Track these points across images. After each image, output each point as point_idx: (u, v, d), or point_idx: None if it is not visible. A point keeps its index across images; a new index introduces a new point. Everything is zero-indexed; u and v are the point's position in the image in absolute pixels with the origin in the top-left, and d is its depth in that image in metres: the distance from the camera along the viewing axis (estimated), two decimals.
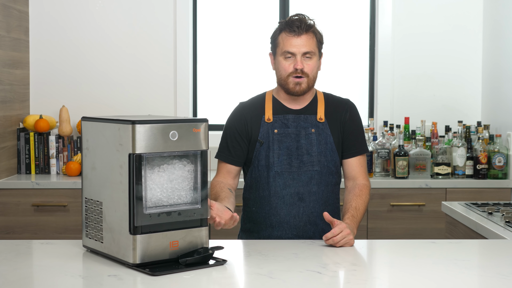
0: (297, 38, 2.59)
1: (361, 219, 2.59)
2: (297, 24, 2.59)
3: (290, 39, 2.59)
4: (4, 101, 4.14)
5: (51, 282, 2.00)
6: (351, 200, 2.61)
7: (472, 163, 4.27)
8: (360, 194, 2.63)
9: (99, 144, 2.20)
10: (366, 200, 2.63)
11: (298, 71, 2.59)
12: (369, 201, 2.67)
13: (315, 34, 2.62)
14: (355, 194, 2.63)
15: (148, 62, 4.62)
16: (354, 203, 2.59)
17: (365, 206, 2.62)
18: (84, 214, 2.29)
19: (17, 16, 4.35)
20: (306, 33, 2.59)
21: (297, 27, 2.58)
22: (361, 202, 2.61)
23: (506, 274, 2.07)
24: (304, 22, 2.60)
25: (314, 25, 2.62)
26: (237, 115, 2.71)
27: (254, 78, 4.76)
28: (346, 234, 2.38)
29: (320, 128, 2.66)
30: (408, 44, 4.68)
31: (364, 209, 2.61)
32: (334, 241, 2.37)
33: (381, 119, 4.64)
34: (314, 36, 2.61)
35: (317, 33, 2.63)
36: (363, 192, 2.64)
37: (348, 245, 2.39)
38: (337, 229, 2.38)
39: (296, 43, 2.59)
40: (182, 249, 2.14)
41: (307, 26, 2.59)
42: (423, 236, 4.07)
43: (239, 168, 2.71)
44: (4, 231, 4.02)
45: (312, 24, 2.62)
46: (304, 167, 2.63)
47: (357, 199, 2.61)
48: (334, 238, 2.36)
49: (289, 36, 2.59)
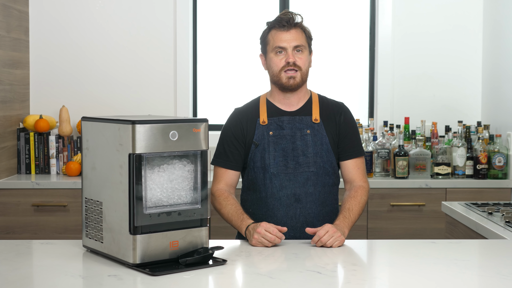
0: (286, 33, 2.62)
1: (355, 219, 2.58)
2: (286, 19, 2.63)
3: (280, 35, 2.62)
4: (4, 101, 4.14)
5: (51, 282, 2.00)
6: (345, 201, 2.62)
7: (472, 163, 4.27)
8: (355, 196, 2.62)
9: (99, 144, 2.20)
10: (361, 201, 2.62)
11: (291, 64, 2.60)
12: (366, 202, 2.66)
13: (304, 29, 2.66)
14: (349, 196, 2.63)
15: (148, 62, 4.62)
16: (347, 205, 2.60)
17: (360, 206, 2.61)
18: (84, 214, 2.29)
19: (17, 16, 4.35)
20: (295, 27, 2.63)
21: (286, 21, 2.62)
22: (355, 203, 2.60)
23: (506, 274, 2.07)
24: (293, 17, 2.64)
25: (302, 20, 2.66)
26: (233, 120, 2.71)
27: (254, 78, 4.76)
28: (333, 233, 2.38)
29: (316, 129, 2.66)
30: (408, 44, 4.68)
31: (358, 210, 2.60)
32: (322, 241, 2.37)
33: (381, 119, 4.64)
34: (303, 31, 2.65)
35: (305, 28, 2.67)
36: (358, 193, 2.63)
37: (338, 243, 2.38)
38: (321, 231, 2.39)
39: (286, 38, 2.61)
40: (182, 249, 2.14)
41: (296, 22, 2.64)
42: (423, 236, 4.07)
43: (238, 173, 2.70)
44: (4, 231, 4.02)
45: (301, 19, 2.65)
46: (300, 168, 2.63)
47: (351, 200, 2.61)
48: (321, 239, 2.37)
49: (279, 32, 2.62)
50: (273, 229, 2.38)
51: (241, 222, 2.49)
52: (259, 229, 2.38)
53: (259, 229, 2.38)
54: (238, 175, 2.70)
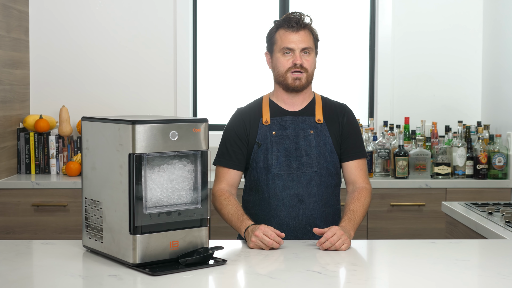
0: (295, 34, 2.60)
1: (360, 221, 2.57)
2: (295, 20, 2.61)
3: (288, 35, 2.60)
4: (4, 101, 4.14)
5: (51, 282, 2.00)
6: (349, 203, 2.60)
7: (472, 163, 4.27)
8: (358, 197, 2.61)
9: (99, 144, 2.20)
10: (364, 202, 2.61)
11: (297, 66, 2.59)
12: (369, 204, 2.64)
13: (312, 31, 2.65)
14: (353, 197, 2.61)
15: (148, 62, 4.62)
16: (351, 206, 2.58)
17: (364, 208, 2.60)
18: (84, 214, 2.29)
19: (17, 16, 4.35)
20: (304, 29, 2.62)
21: (295, 23, 2.60)
22: (359, 204, 2.59)
23: (506, 274, 2.07)
24: (302, 18, 2.62)
25: (311, 22, 2.65)
26: (236, 120, 2.70)
27: (254, 78, 4.76)
28: (341, 235, 2.36)
29: (319, 129, 2.65)
30: (408, 44, 4.68)
31: (362, 211, 2.58)
32: (331, 242, 2.34)
33: (381, 119, 4.64)
34: (311, 33, 2.64)
35: (313, 30, 2.66)
36: (361, 194, 2.62)
37: (345, 246, 2.35)
38: (329, 233, 2.36)
39: (294, 39, 2.60)
40: (182, 249, 2.14)
41: (305, 23, 2.62)
42: (423, 236, 4.07)
43: (240, 173, 2.68)
44: (4, 231, 4.02)
45: (310, 20, 2.64)
46: (303, 169, 2.62)
47: (355, 202, 2.59)
48: (330, 240, 2.34)
49: (287, 33, 2.61)
50: (271, 233, 2.36)
51: (240, 223, 2.49)
52: (257, 232, 2.37)
53: (257, 232, 2.37)
54: (240, 175, 2.68)
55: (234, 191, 2.66)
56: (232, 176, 2.66)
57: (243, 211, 2.54)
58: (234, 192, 2.66)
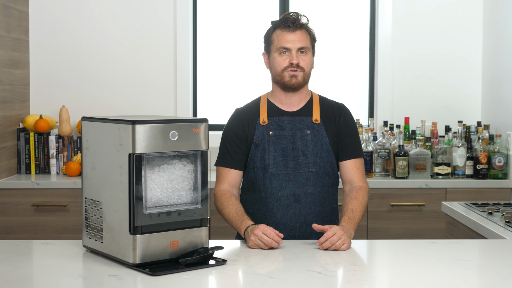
0: (292, 34, 2.61)
1: (359, 220, 2.57)
2: (292, 20, 2.62)
3: (285, 35, 2.61)
4: (4, 101, 4.14)
5: (51, 282, 2.00)
6: (347, 203, 2.60)
7: (472, 163, 4.27)
8: (357, 196, 2.61)
9: (99, 144, 2.20)
10: (363, 201, 2.61)
11: (294, 65, 2.60)
12: (367, 203, 2.64)
13: (308, 31, 2.65)
14: (351, 197, 2.62)
15: (148, 62, 4.62)
16: (350, 206, 2.58)
17: (362, 207, 2.60)
18: (84, 214, 2.29)
19: (17, 16, 4.35)
20: (301, 29, 2.63)
21: (292, 22, 2.62)
22: (358, 204, 2.59)
23: (506, 274, 2.07)
24: (299, 18, 2.63)
25: (308, 22, 2.65)
26: (235, 120, 2.71)
27: (254, 78, 4.76)
28: (341, 235, 2.36)
29: (316, 129, 2.66)
30: (408, 44, 4.68)
31: (361, 211, 2.59)
32: (332, 242, 2.34)
33: (381, 119, 4.64)
34: (308, 33, 2.65)
35: (310, 30, 2.66)
36: (359, 194, 2.62)
37: (345, 246, 2.35)
38: (329, 233, 2.36)
39: (291, 39, 2.61)
40: (182, 249, 2.14)
41: (301, 23, 2.63)
42: (423, 236, 4.07)
43: (241, 173, 2.69)
44: (4, 231, 4.02)
45: (306, 20, 2.65)
46: (300, 169, 2.63)
47: (354, 201, 2.59)
48: (330, 239, 2.34)
49: (284, 32, 2.62)
50: (271, 232, 2.37)
51: (241, 223, 2.49)
52: (257, 231, 2.37)
53: (256, 231, 2.37)
54: (241, 175, 2.69)
55: (236, 191, 2.67)
56: (233, 176, 2.66)
57: (244, 211, 2.55)
58: (235, 192, 2.66)
